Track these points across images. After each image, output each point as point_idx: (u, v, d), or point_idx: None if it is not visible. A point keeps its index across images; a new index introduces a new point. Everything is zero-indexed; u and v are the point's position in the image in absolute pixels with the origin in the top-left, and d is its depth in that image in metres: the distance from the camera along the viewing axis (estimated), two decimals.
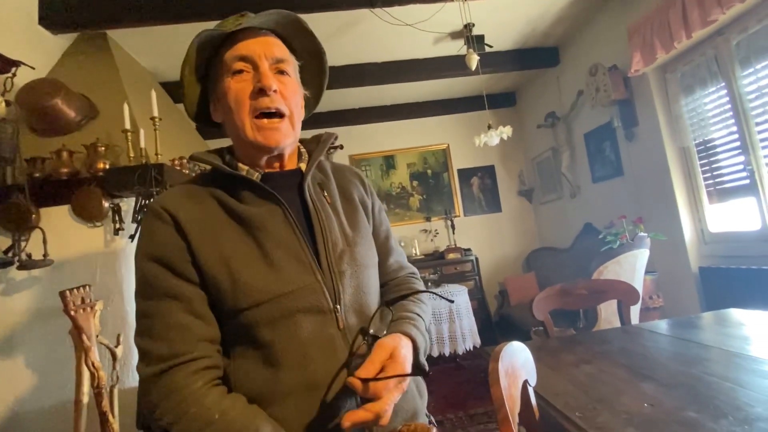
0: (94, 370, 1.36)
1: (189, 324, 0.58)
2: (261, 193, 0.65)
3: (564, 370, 1.02)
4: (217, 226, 0.62)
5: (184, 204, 0.63)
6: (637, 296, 1.50)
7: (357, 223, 0.72)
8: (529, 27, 3.09)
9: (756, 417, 0.68)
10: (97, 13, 2.15)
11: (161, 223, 0.61)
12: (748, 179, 2.15)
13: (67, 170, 1.78)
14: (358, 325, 0.65)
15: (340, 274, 0.65)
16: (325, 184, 0.74)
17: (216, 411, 0.54)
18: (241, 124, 0.63)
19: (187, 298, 0.59)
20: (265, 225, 0.62)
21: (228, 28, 0.64)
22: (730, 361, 0.96)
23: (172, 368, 0.56)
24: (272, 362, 0.59)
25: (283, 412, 0.58)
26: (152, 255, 0.60)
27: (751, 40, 2.03)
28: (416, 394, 0.71)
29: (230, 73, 0.64)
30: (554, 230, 4.16)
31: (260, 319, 0.59)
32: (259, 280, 0.59)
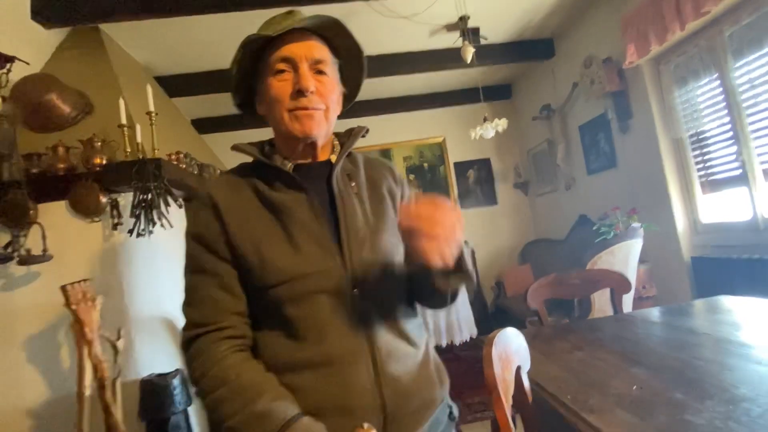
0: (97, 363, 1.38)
1: (220, 297, 0.66)
2: (290, 182, 0.70)
3: (557, 356, 1.05)
4: (251, 212, 0.69)
5: (223, 190, 0.71)
6: (628, 285, 1.53)
7: (381, 212, 0.76)
8: (524, 19, 3.09)
9: (740, 397, 0.71)
10: (90, 7, 2.14)
11: (203, 207, 0.69)
12: (739, 170, 2.19)
13: (63, 166, 1.78)
14: (376, 309, 0.69)
15: (360, 260, 0.69)
16: (354, 174, 0.78)
17: (233, 372, 0.62)
18: (281, 118, 0.69)
19: (220, 274, 0.67)
20: (292, 211, 0.68)
21: (274, 30, 0.68)
22: (718, 346, 0.99)
23: (202, 334, 0.65)
24: (293, 336, 0.65)
25: (299, 381, 0.64)
26: (193, 234, 0.69)
27: (743, 31, 2.04)
28: (436, 381, 0.72)
29: (273, 72, 0.69)
30: (550, 222, 4.19)
31: (284, 297, 0.65)
32: (284, 260, 0.65)
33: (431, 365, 0.74)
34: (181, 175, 1.93)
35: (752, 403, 0.68)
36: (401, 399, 0.66)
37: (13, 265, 1.68)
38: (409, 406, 0.67)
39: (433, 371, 0.73)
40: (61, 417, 1.70)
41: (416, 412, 0.68)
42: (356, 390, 0.63)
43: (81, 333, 1.43)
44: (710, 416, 0.66)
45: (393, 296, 0.73)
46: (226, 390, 0.61)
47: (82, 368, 1.51)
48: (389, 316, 0.70)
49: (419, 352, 0.72)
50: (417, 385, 0.69)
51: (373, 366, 0.65)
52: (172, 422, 1.65)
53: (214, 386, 0.61)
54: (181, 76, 3.16)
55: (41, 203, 1.74)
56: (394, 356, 0.68)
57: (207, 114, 4.05)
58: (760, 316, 1.18)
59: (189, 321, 0.67)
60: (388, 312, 0.71)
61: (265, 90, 0.71)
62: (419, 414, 0.68)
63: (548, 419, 0.82)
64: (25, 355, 1.71)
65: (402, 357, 0.69)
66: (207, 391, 0.62)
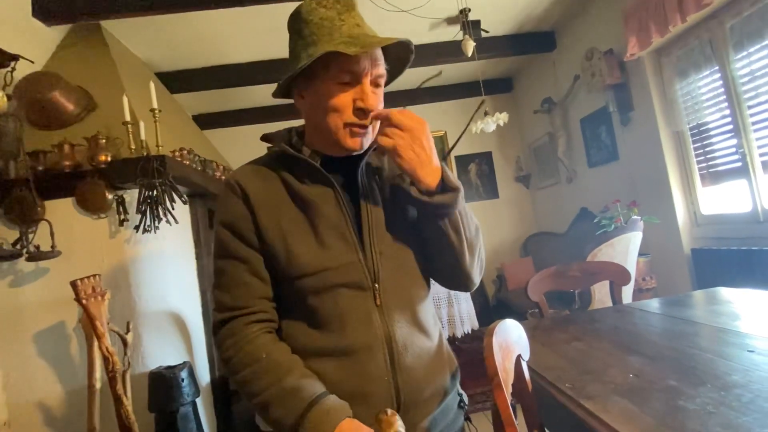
0: (108, 355, 1.41)
1: (250, 282, 0.70)
2: (319, 176, 0.71)
3: (556, 346, 1.07)
4: (279, 203, 0.71)
5: (253, 181, 0.72)
6: (628, 277, 1.55)
7: (404, 208, 0.76)
8: (524, 11, 3.08)
9: (733, 384, 0.73)
10: (91, 4, 2.14)
11: (233, 195, 0.71)
12: (740, 162, 2.19)
13: (69, 163, 1.80)
14: (395, 304, 0.71)
15: (380, 254, 0.70)
16: (380, 169, 0.78)
17: (264, 351, 0.66)
18: (335, 128, 0.68)
19: (249, 261, 0.70)
20: (319, 206, 0.70)
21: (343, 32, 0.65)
22: (715, 335, 1.01)
23: (235, 317, 0.68)
24: (315, 325, 0.69)
25: (319, 367, 0.68)
26: (225, 222, 0.71)
27: (744, 23, 2.04)
28: (447, 372, 0.76)
29: (334, 80, 0.66)
30: (551, 215, 4.20)
31: (308, 288, 0.68)
32: (308, 254, 0.68)
33: (444, 356, 0.77)
34: (185, 172, 1.95)
35: (744, 389, 0.71)
36: (415, 388, 0.69)
37: (22, 262, 1.71)
38: (421, 395, 0.70)
39: (446, 362, 0.77)
40: (72, 410, 1.75)
41: (428, 400, 0.71)
42: (373, 379, 0.67)
43: (92, 327, 1.46)
44: (703, 402, 0.68)
45: (410, 290, 0.74)
46: (258, 367, 0.65)
47: (93, 361, 1.54)
48: (406, 309, 0.72)
49: (433, 344, 0.75)
50: (430, 376, 0.72)
51: (389, 357, 0.68)
52: (180, 413, 1.69)
53: (247, 363, 0.65)
54: (183, 71, 3.17)
55: (48, 200, 1.77)
56: (410, 348, 0.70)
57: (208, 110, 4.06)
58: (757, 306, 1.20)
59: (221, 304, 0.70)
60: (406, 305, 0.72)
61: (319, 92, 0.68)
62: (430, 402, 0.72)
63: (547, 407, 0.85)
64: (35, 349, 1.75)
65: (417, 348, 0.71)
66: (239, 368, 0.66)
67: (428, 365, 0.72)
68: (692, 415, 0.65)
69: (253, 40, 2.89)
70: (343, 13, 0.68)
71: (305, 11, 0.68)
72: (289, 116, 4.23)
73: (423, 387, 0.70)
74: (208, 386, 2.15)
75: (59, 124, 1.96)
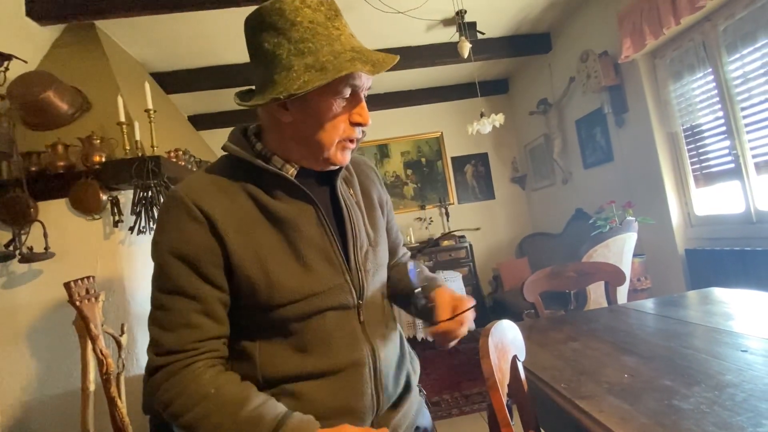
0: (103, 358, 1.40)
1: (201, 324, 0.60)
2: (295, 192, 0.65)
3: (552, 346, 1.07)
4: (252, 225, 0.63)
5: (218, 201, 0.62)
6: (623, 277, 1.56)
7: (376, 223, 0.76)
8: (520, 13, 3.09)
9: (726, 384, 0.74)
10: (85, 3, 2.13)
11: (193, 221, 0.60)
12: (733, 163, 2.21)
13: (63, 164, 1.79)
14: (374, 318, 0.71)
15: (365, 273, 0.69)
16: (350, 180, 0.76)
17: (212, 386, 0.58)
18: (329, 143, 0.63)
19: (203, 300, 0.60)
20: (299, 225, 0.64)
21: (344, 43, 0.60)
22: (708, 335, 1.02)
23: (178, 361, 0.59)
24: (300, 348, 0.65)
25: (305, 389, 0.64)
26: (178, 252, 0.60)
27: (737, 25, 2.06)
28: (412, 372, 0.79)
29: (334, 92, 0.60)
30: (546, 216, 4.22)
31: (292, 315, 0.63)
32: (293, 280, 0.62)
33: (407, 358, 0.80)
34: (180, 172, 1.94)
35: (737, 388, 0.71)
36: (390, 394, 0.72)
37: (15, 263, 1.69)
38: (393, 398, 0.73)
39: (409, 363, 0.80)
40: (66, 412, 1.73)
41: (399, 401, 0.75)
42: (360, 394, 0.67)
43: (86, 329, 1.45)
44: (697, 401, 0.69)
45: (384, 301, 0.76)
46: (207, 404, 0.57)
47: (86, 364, 1.53)
48: (382, 321, 0.73)
49: (398, 347, 0.77)
50: (400, 380, 0.75)
51: (373, 370, 0.68)
52: None
53: (193, 403, 0.57)
54: (178, 72, 3.16)
55: (41, 201, 1.76)
56: (389, 358, 0.72)
57: (204, 110, 4.05)
58: (750, 306, 1.21)
59: (160, 346, 0.60)
60: (382, 317, 0.74)
61: (313, 105, 0.61)
62: (402, 402, 0.75)
63: (543, 407, 0.85)
64: (28, 351, 1.74)
65: (392, 357, 0.73)
66: (184, 411, 0.57)
67: (398, 370, 0.75)
68: (686, 415, 0.65)
69: None
70: (334, 20, 0.61)
71: (289, 10, 0.59)
72: None
73: (395, 390, 0.73)
74: None
75: (53, 125, 1.95)
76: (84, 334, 1.51)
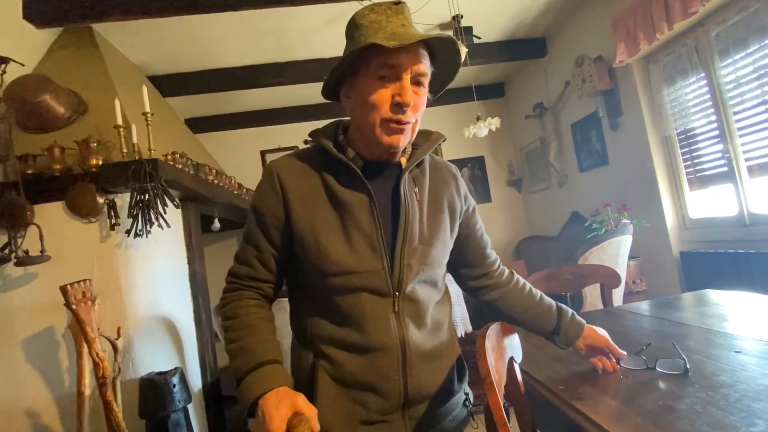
0: (99, 361, 1.39)
1: (256, 266, 0.77)
2: (357, 181, 0.73)
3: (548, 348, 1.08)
4: (315, 202, 0.74)
5: (293, 176, 0.75)
6: (618, 279, 1.57)
7: (437, 224, 0.78)
8: (516, 18, 3.12)
9: (720, 384, 0.75)
10: (82, 7, 2.13)
11: (271, 189, 0.75)
12: (726, 167, 2.24)
13: (59, 167, 1.78)
14: (412, 312, 0.75)
15: (407, 267, 0.73)
16: (419, 180, 0.79)
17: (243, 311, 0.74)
18: (372, 124, 0.69)
19: (261, 249, 0.76)
20: (353, 211, 0.72)
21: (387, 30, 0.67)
22: (702, 336, 1.03)
23: (235, 283, 0.78)
24: (337, 321, 0.73)
25: (338, 355, 0.73)
26: (255, 206, 0.77)
27: (729, 31, 2.09)
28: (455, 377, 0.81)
29: (374, 76, 0.68)
30: (543, 219, 4.25)
31: (333, 287, 0.72)
32: (338, 255, 0.71)
33: (453, 359, 0.82)
34: (177, 176, 1.94)
35: (731, 389, 0.72)
36: (422, 388, 0.74)
37: (10, 267, 1.68)
38: (427, 393, 0.76)
39: (455, 366, 0.82)
40: (61, 417, 1.72)
41: (434, 399, 0.77)
42: (385, 377, 0.72)
43: (82, 332, 1.44)
44: (691, 402, 0.70)
45: (428, 300, 0.78)
46: (234, 322, 0.73)
47: (82, 367, 1.52)
48: (421, 317, 0.76)
49: (444, 350, 0.80)
50: (436, 377, 0.77)
51: (402, 359, 0.72)
52: (172, 420, 1.66)
53: (229, 316, 0.75)
54: (175, 75, 3.16)
55: (38, 204, 1.75)
56: (422, 353, 0.74)
57: (201, 113, 4.04)
58: (744, 308, 1.22)
59: (233, 271, 0.79)
60: (422, 313, 0.76)
61: (361, 89, 0.69)
62: (436, 400, 0.77)
63: (540, 408, 0.86)
64: (23, 355, 1.72)
65: (429, 354, 0.76)
66: (225, 318, 0.75)
67: (436, 367, 0.77)
68: (681, 415, 0.66)
69: (245, 43, 2.89)
70: (391, 16, 0.69)
71: (358, 17, 0.71)
72: (284, 121, 4.23)
73: (430, 387, 0.76)
74: (200, 392, 2.12)
75: (50, 128, 1.94)
76: (80, 337, 1.51)
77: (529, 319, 0.89)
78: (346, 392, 0.72)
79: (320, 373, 0.73)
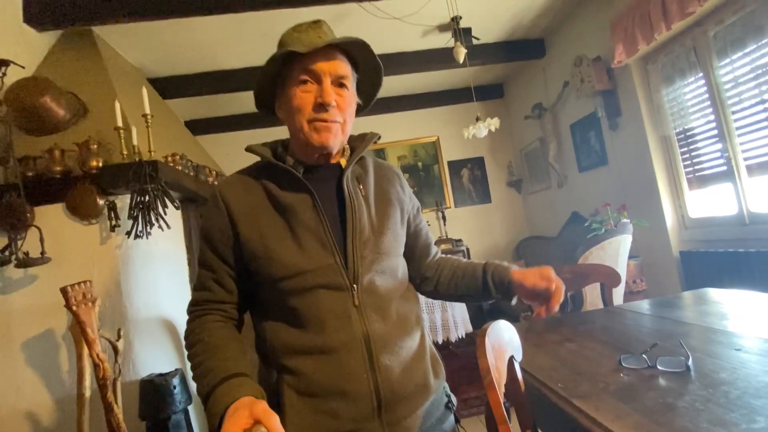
0: (99, 362, 1.39)
1: (215, 289, 0.77)
2: (297, 184, 0.75)
3: (548, 347, 1.08)
4: (259, 211, 0.75)
5: (236, 192, 0.77)
6: (618, 279, 1.57)
7: (386, 215, 0.81)
8: (514, 19, 3.13)
9: (720, 381, 0.75)
10: (82, 9, 2.14)
11: (216, 208, 0.76)
12: (725, 166, 2.24)
13: (60, 169, 1.78)
14: (373, 304, 0.74)
15: (361, 258, 0.74)
16: (363, 178, 0.83)
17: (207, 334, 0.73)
18: (300, 126, 0.74)
19: (215, 270, 0.76)
20: (296, 211, 0.74)
21: (304, 42, 0.74)
22: (703, 335, 1.03)
23: (196, 311, 0.77)
24: (296, 325, 0.72)
25: (302, 365, 0.70)
26: (205, 233, 0.78)
27: (727, 31, 2.10)
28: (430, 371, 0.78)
29: (297, 82, 0.73)
30: (543, 219, 4.25)
31: (289, 290, 0.72)
32: (288, 257, 0.72)
33: (426, 356, 0.79)
34: (177, 177, 1.94)
35: (731, 386, 0.72)
36: (395, 386, 0.71)
37: (11, 268, 1.68)
38: (402, 393, 0.72)
39: (428, 362, 0.78)
40: (61, 418, 1.71)
41: (410, 399, 0.73)
42: (352, 377, 0.69)
43: (82, 334, 1.44)
44: (691, 399, 0.70)
45: (390, 291, 0.77)
46: (198, 347, 0.72)
47: (82, 369, 1.52)
48: (385, 309, 0.75)
49: (414, 344, 0.77)
50: (410, 373, 0.74)
51: (368, 355, 0.70)
52: (172, 421, 1.66)
53: (193, 343, 0.73)
54: (174, 77, 3.16)
55: (38, 206, 1.75)
56: (389, 347, 0.72)
57: (201, 115, 4.05)
58: (744, 306, 1.23)
59: (192, 299, 0.79)
60: (385, 305, 0.75)
61: (287, 97, 0.75)
62: (413, 401, 0.73)
63: (540, 406, 0.86)
64: (23, 357, 1.72)
65: (396, 348, 0.73)
66: (189, 345, 0.74)
67: (408, 363, 0.74)
68: (681, 413, 0.66)
69: (245, 46, 2.90)
70: (310, 31, 0.76)
71: (283, 36, 0.78)
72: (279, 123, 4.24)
73: (403, 384, 0.72)
74: None
75: (50, 130, 1.94)
76: (80, 339, 1.51)
77: (466, 286, 0.91)
78: (314, 404, 0.69)
79: (285, 389, 0.70)
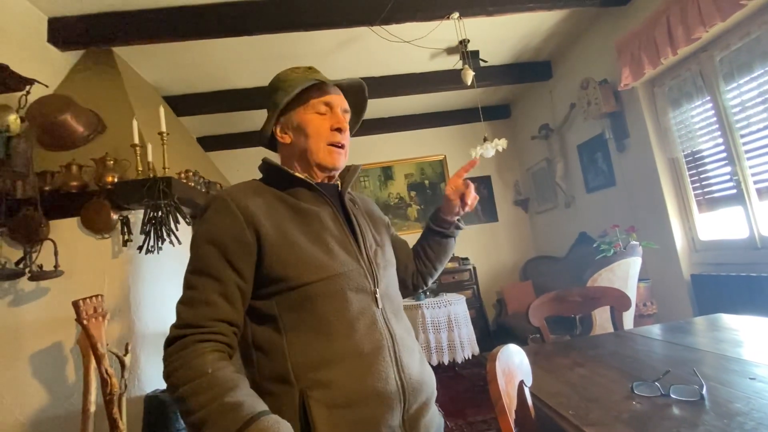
0: (108, 377, 1.39)
1: (217, 302, 0.68)
2: (315, 194, 0.82)
3: (558, 372, 1.07)
4: (281, 216, 0.76)
5: (253, 199, 0.76)
6: (628, 302, 1.55)
7: (380, 231, 0.93)
8: (522, 42, 3.20)
9: (735, 412, 0.73)
10: (103, 31, 2.23)
11: (230, 215, 0.71)
12: (734, 189, 2.23)
13: (76, 183, 1.83)
14: (390, 307, 0.80)
15: (377, 265, 0.81)
16: (355, 202, 0.94)
17: (211, 367, 0.63)
18: (317, 149, 0.82)
19: (225, 282, 0.69)
20: (321, 218, 0.79)
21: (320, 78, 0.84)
22: (717, 362, 1.01)
23: (192, 334, 0.66)
24: (325, 332, 0.71)
25: (332, 375, 0.69)
26: (212, 239, 0.71)
27: (733, 56, 2.12)
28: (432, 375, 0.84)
29: (314, 111, 0.83)
30: (550, 239, 4.22)
31: (319, 293, 0.72)
32: (321, 259, 0.74)
33: (426, 366, 0.84)
34: (189, 193, 1.98)
35: (746, 417, 0.71)
36: (414, 384, 0.75)
37: (23, 281, 1.71)
38: (420, 392, 0.77)
39: (427, 374, 0.83)
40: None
41: (424, 398, 0.78)
42: (384, 377, 0.71)
43: (91, 348, 1.44)
44: (706, 429, 0.68)
45: (399, 298, 0.86)
46: (201, 382, 0.62)
47: (89, 384, 1.52)
48: (397, 313, 0.82)
49: (417, 347, 0.84)
50: (423, 376, 0.79)
51: (393, 354, 0.74)
52: None
53: (192, 377, 0.62)
54: (189, 95, 3.25)
55: (53, 220, 1.79)
56: (407, 348, 0.78)
57: (212, 132, 4.14)
58: (758, 333, 1.20)
59: (181, 320, 0.68)
60: (397, 309, 0.83)
61: (301, 123, 0.83)
62: (425, 405, 0.78)
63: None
64: (30, 369, 1.73)
65: (410, 349, 0.79)
66: (182, 382, 0.62)
67: (418, 363, 0.80)
68: None
69: (256, 66, 2.99)
70: (309, 73, 0.86)
71: (282, 75, 0.86)
72: None
73: (420, 383, 0.77)
74: None
75: (68, 146, 2.01)
76: (88, 353, 1.51)
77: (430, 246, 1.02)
78: (347, 414, 0.67)
79: (313, 406, 0.66)
